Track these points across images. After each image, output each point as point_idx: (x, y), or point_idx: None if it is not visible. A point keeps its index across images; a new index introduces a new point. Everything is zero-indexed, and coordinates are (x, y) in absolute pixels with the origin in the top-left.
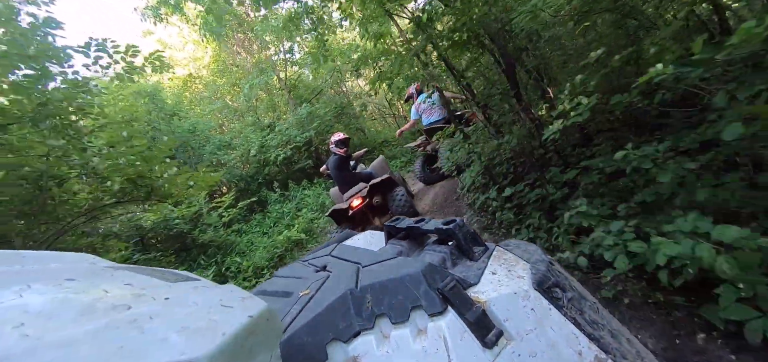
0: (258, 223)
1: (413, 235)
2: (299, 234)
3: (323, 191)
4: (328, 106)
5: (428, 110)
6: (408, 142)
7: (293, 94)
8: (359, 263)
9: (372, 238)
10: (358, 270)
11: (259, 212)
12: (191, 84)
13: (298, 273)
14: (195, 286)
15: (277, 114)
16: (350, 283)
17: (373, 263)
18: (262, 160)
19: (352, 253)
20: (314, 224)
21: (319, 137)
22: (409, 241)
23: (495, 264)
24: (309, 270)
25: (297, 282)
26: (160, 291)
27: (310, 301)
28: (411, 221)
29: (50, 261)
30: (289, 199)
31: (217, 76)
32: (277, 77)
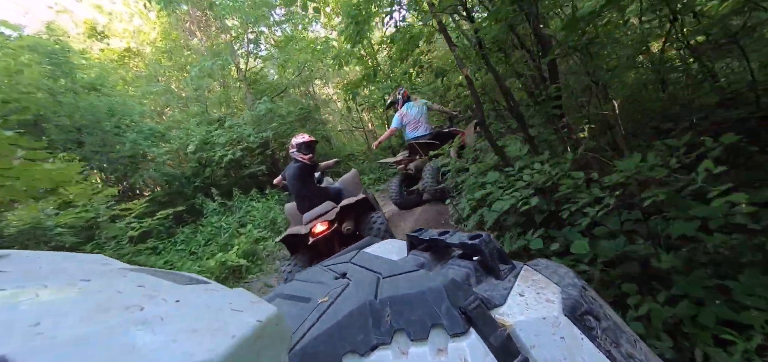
0: (186, 239)
1: (436, 247)
2: (238, 259)
3: (276, 204)
4: (293, 106)
5: (414, 121)
6: (381, 157)
7: (252, 88)
8: (380, 273)
9: (393, 247)
10: (379, 281)
11: (190, 224)
12: (129, 60)
13: (318, 278)
14: (205, 289)
15: (232, 110)
16: (370, 294)
17: (394, 275)
18: (202, 159)
19: (373, 261)
20: (260, 246)
21: (277, 140)
22: (431, 253)
23: (523, 285)
24: (329, 276)
25: (316, 287)
26: (171, 293)
27: (328, 309)
28: (435, 233)
29: (65, 262)
30: (232, 211)
31: (164, 56)
32: (236, 67)
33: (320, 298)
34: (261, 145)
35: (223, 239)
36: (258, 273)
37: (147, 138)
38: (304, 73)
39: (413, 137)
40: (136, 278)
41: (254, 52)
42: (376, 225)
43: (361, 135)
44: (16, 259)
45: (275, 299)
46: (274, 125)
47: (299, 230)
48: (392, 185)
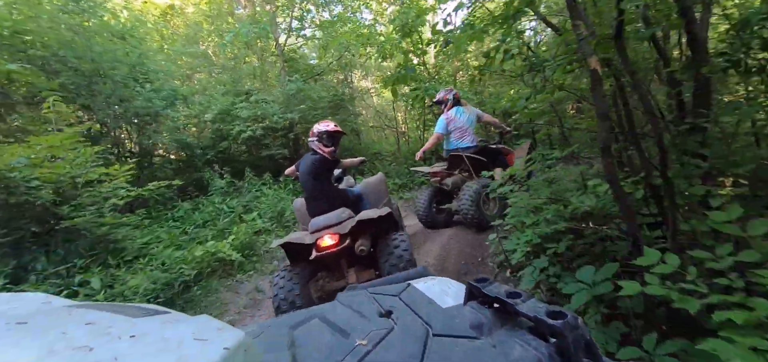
0: (183, 216)
1: (502, 306)
2: (231, 252)
3: (289, 194)
4: (326, 91)
5: (461, 130)
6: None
7: (288, 66)
8: (430, 325)
9: (448, 288)
10: (428, 337)
11: (193, 199)
12: (171, 18)
13: (361, 307)
14: (164, 320)
15: (265, 86)
16: (415, 353)
17: (447, 335)
18: (221, 131)
19: (424, 305)
20: (260, 240)
21: (303, 124)
22: (493, 311)
23: None
24: (373, 309)
25: (358, 320)
26: (125, 328)
27: (366, 357)
28: (503, 291)
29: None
30: (240, 192)
31: (207, 20)
32: (275, 41)
33: (359, 337)
34: (285, 127)
35: (222, 224)
36: (251, 271)
37: (165, 98)
38: (345, 58)
39: (455, 147)
40: (82, 315)
41: (297, 29)
42: (398, 251)
43: (392, 134)
44: None
45: (314, 319)
46: (302, 108)
47: (302, 240)
48: (420, 198)
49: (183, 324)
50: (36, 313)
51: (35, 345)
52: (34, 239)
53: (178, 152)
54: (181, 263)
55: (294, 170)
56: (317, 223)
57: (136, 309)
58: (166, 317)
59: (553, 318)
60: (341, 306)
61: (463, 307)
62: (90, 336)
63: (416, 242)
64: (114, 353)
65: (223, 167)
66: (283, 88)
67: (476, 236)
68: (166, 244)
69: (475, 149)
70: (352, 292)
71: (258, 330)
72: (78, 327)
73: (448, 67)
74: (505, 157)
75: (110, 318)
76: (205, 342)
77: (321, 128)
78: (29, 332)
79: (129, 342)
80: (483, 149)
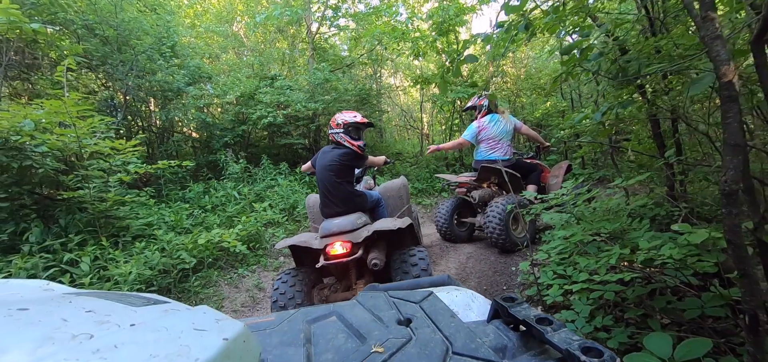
0: (192, 198)
1: (528, 331)
2: (235, 243)
3: (304, 187)
4: (353, 84)
5: (493, 140)
6: (434, 166)
7: (317, 54)
8: (450, 342)
9: (472, 302)
10: (446, 355)
11: (205, 182)
12: None
13: (380, 311)
14: (165, 309)
15: (292, 72)
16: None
17: (467, 355)
18: (241, 115)
19: (445, 318)
20: (269, 233)
21: (327, 115)
22: (519, 335)
23: None
24: (392, 315)
25: (375, 326)
26: (125, 316)
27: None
28: (532, 314)
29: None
30: (254, 179)
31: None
32: (307, 28)
33: (376, 343)
34: (308, 116)
35: (231, 211)
36: (255, 266)
37: (188, 75)
38: (377, 52)
39: (485, 158)
40: (83, 303)
41: (331, 19)
42: (416, 269)
43: (416, 136)
44: None
45: (332, 316)
46: (327, 99)
47: (310, 243)
48: (442, 208)
49: (183, 314)
50: (37, 300)
51: (36, 332)
52: (34, 208)
53: (198, 131)
54: (182, 250)
55: (310, 166)
56: (329, 227)
57: (137, 298)
58: (167, 306)
59: (588, 355)
60: (360, 307)
61: (486, 325)
62: (90, 323)
63: (432, 255)
64: (114, 341)
65: (240, 151)
66: (310, 77)
67: (499, 258)
68: (170, 226)
69: (509, 162)
70: (371, 293)
71: (278, 320)
72: (78, 315)
73: (483, 72)
74: (540, 174)
75: (110, 306)
76: (205, 332)
77: (347, 118)
78: (30, 319)
79: (129, 331)
80: (517, 162)
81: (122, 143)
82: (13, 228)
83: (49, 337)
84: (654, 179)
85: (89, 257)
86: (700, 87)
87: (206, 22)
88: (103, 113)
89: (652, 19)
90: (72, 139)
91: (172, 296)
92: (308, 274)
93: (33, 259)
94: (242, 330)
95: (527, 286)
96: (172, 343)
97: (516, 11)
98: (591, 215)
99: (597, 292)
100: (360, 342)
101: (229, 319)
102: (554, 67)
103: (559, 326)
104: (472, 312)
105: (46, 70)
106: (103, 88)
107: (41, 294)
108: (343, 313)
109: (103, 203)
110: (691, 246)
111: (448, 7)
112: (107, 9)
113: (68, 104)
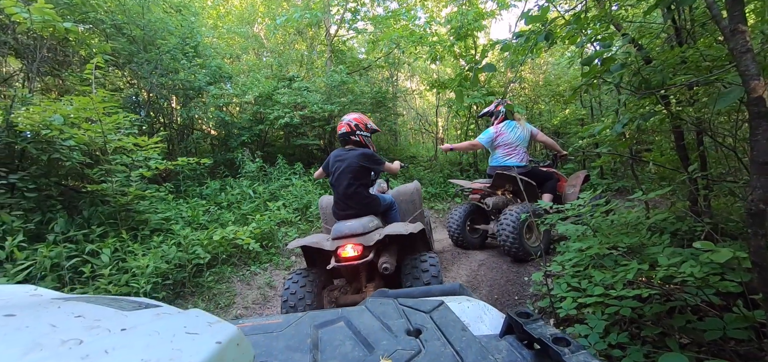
0: (209, 195)
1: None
2: (249, 240)
3: (317, 187)
4: (369, 87)
5: (509, 146)
6: (448, 170)
7: (335, 56)
8: (461, 357)
9: (485, 314)
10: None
11: (222, 179)
12: None
13: (389, 319)
14: (156, 313)
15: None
16: None
17: None
18: (259, 115)
19: (455, 330)
20: (281, 232)
21: (342, 118)
22: (533, 353)
23: None
24: (401, 324)
25: (384, 335)
26: (115, 321)
27: None
28: (549, 335)
29: None
30: (270, 178)
31: (263, 1)
32: (326, 30)
33: (383, 354)
34: (324, 117)
35: (246, 208)
36: (267, 264)
37: (209, 75)
38: (394, 55)
39: (500, 163)
40: (72, 308)
41: (350, 22)
42: (427, 275)
43: (430, 140)
44: None
45: (340, 322)
46: (343, 101)
47: (322, 244)
48: (454, 214)
49: (175, 318)
50: (24, 306)
51: (24, 338)
52: (60, 199)
53: (217, 129)
54: (197, 245)
55: (322, 172)
56: (341, 229)
57: (128, 302)
58: (158, 310)
59: None
60: (368, 314)
61: (499, 340)
62: (80, 328)
63: (444, 261)
64: (104, 346)
65: (257, 150)
66: (327, 79)
67: (511, 267)
68: (186, 221)
69: (525, 169)
70: (381, 300)
71: (285, 324)
72: (67, 320)
73: (501, 78)
74: (556, 183)
75: (100, 311)
76: (197, 335)
77: (366, 120)
78: (18, 324)
79: (120, 335)
80: (533, 170)
81: (144, 140)
82: (40, 218)
83: (37, 343)
84: (676, 192)
85: (109, 249)
86: (728, 101)
87: (228, 23)
88: (127, 110)
89: (679, 28)
90: (98, 134)
91: (187, 290)
92: (319, 275)
93: (57, 248)
94: (235, 333)
95: (540, 297)
96: (163, 347)
97: (536, 21)
98: (608, 228)
99: (612, 307)
100: (367, 351)
101: (222, 322)
102: (574, 74)
103: (577, 347)
104: (484, 325)
105: (76, 67)
106: (129, 86)
107: (29, 299)
108: (351, 319)
109: (124, 196)
110: (713, 264)
111: (467, 11)
112: (135, 9)
113: (95, 101)
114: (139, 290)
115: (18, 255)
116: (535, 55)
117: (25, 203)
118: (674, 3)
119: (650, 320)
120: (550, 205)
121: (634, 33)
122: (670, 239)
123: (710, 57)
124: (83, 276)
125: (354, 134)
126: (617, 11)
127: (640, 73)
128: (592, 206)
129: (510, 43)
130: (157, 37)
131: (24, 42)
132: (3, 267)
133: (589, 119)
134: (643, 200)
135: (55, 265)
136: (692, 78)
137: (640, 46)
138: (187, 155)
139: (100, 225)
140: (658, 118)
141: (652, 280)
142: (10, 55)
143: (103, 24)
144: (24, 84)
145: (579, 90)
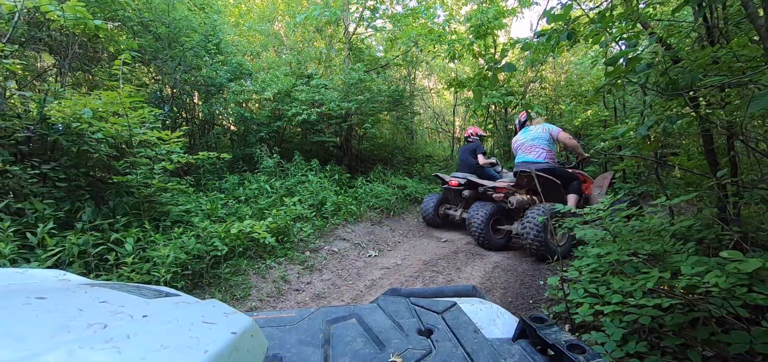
0: (228, 188)
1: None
2: (265, 235)
3: (333, 184)
4: (387, 85)
5: (526, 146)
6: None
7: (353, 54)
8: (472, 359)
9: (497, 317)
10: None
11: (239, 174)
12: None
13: (401, 318)
14: (175, 302)
15: (328, 72)
16: None
17: None
18: (277, 111)
19: (467, 332)
20: (297, 227)
21: (359, 115)
22: (547, 359)
23: None
24: (412, 324)
25: (395, 334)
26: (137, 308)
27: None
28: (564, 342)
29: (18, 279)
30: (287, 174)
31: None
32: (344, 28)
33: (394, 352)
34: (341, 115)
35: (263, 203)
36: (282, 258)
37: (230, 72)
38: (412, 53)
39: (522, 161)
40: (98, 293)
41: (369, 20)
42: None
43: (447, 139)
44: None
45: (352, 318)
46: (360, 99)
47: (445, 177)
48: (479, 214)
49: (193, 307)
50: (54, 289)
51: (53, 320)
52: (88, 189)
53: (236, 124)
54: (216, 238)
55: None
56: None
57: (149, 290)
58: (177, 299)
59: None
60: (380, 312)
61: (511, 345)
62: (104, 313)
63: (457, 263)
64: (127, 331)
65: (274, 146)
66: (345, 76)
67: (527, 270)
68: (205, 214)
69: (546, 167)
70: (393, 298)
71: (298, 317)
72: (93, 305)
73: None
74: (581, 184)
75: (124, 298)
76: (214, 325)
77: (477, 130)
78: (48, 307)
79: (141, 322)
80: (555, 168)
81: (168, 134)
82: (69, 207)
83: (65, 326)
84: (703, 198)
85: (133, 238)
86: (763, 104)
87: (249, 21)
88: (152, 105)
89: (711, 27)
90: (124, 128)
91: (204, 281)
92: (442, 196)
93: (84, 236)
94: (250, 324)
95: (555, 302)
96: (182, 335)
97: (558, 20)
98: (629, 234)
99: (631, 316)
100: (378, 349)
101: (237, 313)
102: (597, 74)
103: (593, 355)
104: (497, 328)
105: (105, 63)
106: (154, 82)
107: (58, 283)
108: (363, 316)
109: (147, 188)
110: (741, 275)
111: (487, 9)
112: (161, 7)
113: (122, 95)
114: (160, 278)
115: (48, 242)
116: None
117: (55, 192)
118: (705, 1)
119: (671, 330)
120: (570, 208)
121: (662, 32)
122: (695, 247)
123: (744, 57)
124: (108, 263)
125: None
126: (644, 9)
127: (668, 74)
128: (612, 210)
129: (531, 42)
130: (181, 35)
131: (57, 39)
132: (35, 252)
133: (612, 121)
134: (667, 206)
135: (83, 252)
136: (724, 79)
137: (668, 45)
138: (208, 149)
139: (124, 215)
140: (686, 120)
141: (674, 289)
142: (44, 51)
143: (131, 21)
144: (56, 79)
145: (602, 90)
